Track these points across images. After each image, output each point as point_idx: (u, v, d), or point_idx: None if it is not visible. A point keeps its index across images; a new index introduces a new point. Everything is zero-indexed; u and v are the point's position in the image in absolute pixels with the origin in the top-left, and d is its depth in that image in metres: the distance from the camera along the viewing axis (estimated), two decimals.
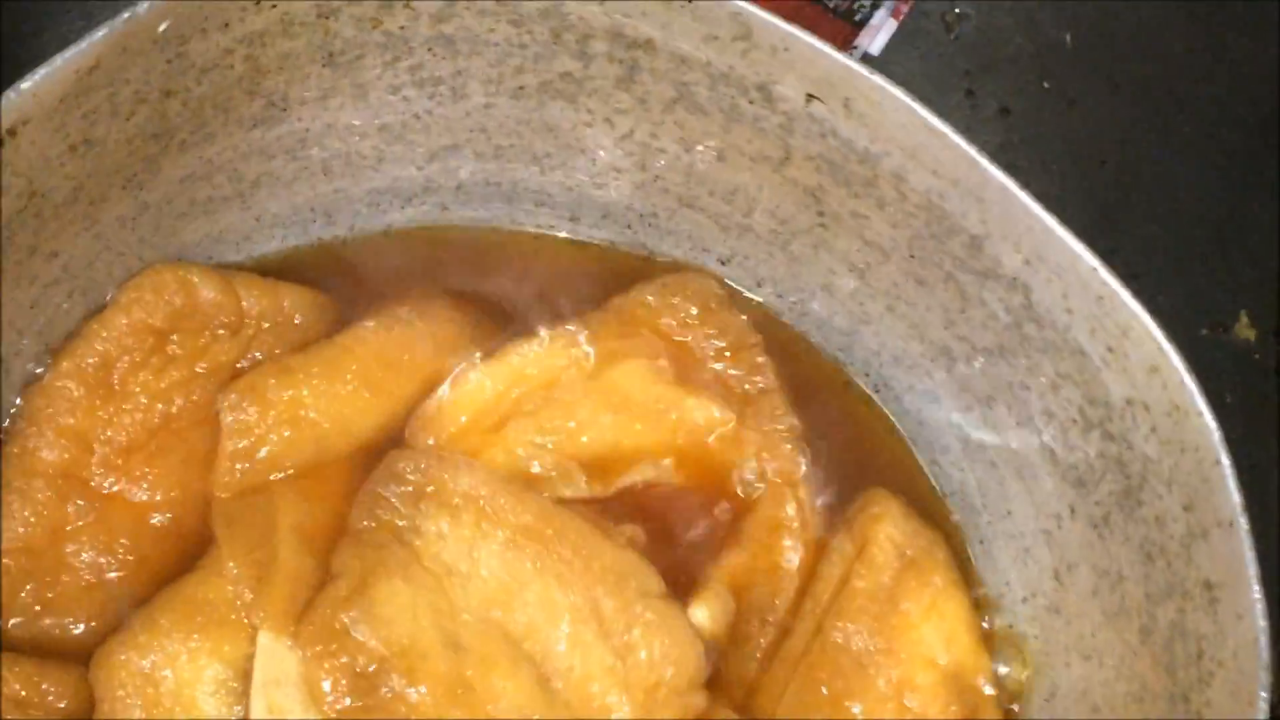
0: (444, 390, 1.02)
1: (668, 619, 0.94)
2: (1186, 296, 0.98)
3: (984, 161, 0.90)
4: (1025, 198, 0.90)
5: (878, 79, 0.91)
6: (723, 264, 1.10)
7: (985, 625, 1.03)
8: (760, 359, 1.06)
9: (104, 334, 0.98)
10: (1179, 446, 0.88)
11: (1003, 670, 1.01)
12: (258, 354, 1.02)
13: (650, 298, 1.06)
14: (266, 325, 1.02)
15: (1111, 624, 0.94)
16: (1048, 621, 0.99)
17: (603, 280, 1.10)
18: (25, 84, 0.84)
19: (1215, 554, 0.86)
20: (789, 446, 1.04)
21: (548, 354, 1.03)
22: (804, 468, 1.03)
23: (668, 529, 1.01)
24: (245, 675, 0.92)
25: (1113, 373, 0.90)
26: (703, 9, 0.93)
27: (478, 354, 1.04)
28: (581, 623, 0.94)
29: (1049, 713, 0.98)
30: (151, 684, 0.91)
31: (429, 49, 1.00)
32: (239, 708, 0.92)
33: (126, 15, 0.86)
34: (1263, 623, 0.82)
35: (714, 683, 0.96)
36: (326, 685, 0.90)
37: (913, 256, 0.99)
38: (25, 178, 0.88)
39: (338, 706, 0.90)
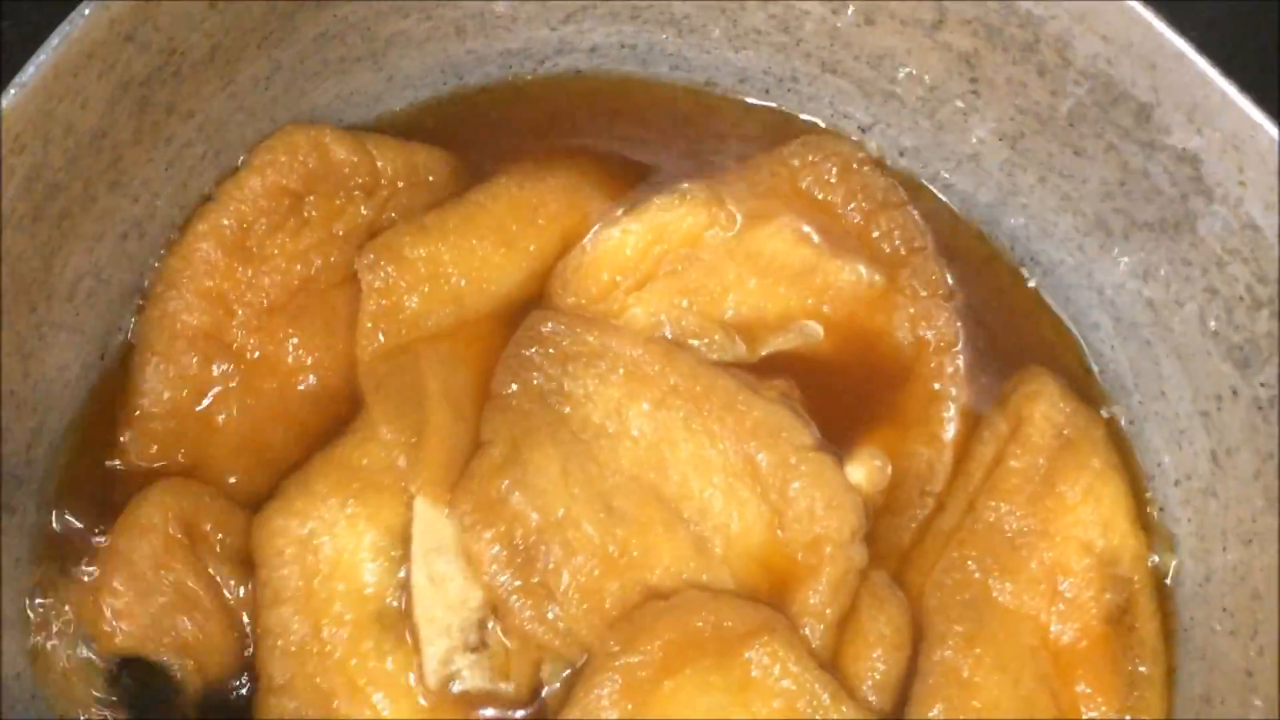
0: (586, 246, 1.00)
1: (824, 471, 0.93)
2: None
3: (1160, 26, 0.87)
4: (1203, 64, 0.86)
5: None
6: (864, 131, 1.07)
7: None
8: (909, 218, 1.03)
9: (239, 196, 0.96)
10: None
11: (1153, 559, 0.99)
12: (393, 214, 1.00)
13: (792, 158, 1.03)
14: (401, 185, 1.00)
15: (1275, 509, 0.91)
16: (1202, 505, 0.97)
17: (740, 141, 1.07)
18: None
19: None
20: (945, 312, 1.01)
21: (690, 211, 1.00)
22: (960, 335, 1.00)
23: (819, 395, 0.99)
24: (403, 541, 0.91)
25: None
26: None
27: (620, 209, 1.01)
28: (736, 478, 0.92)
29: (1203, 598, 0.96)
30: (310, 550, 0.90)
31: None
32: (401, 573, 0.91)
33: None
34: None
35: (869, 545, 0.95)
36: (486, 557, 0.90)
37: (1071, 126, 0.96)
38: (166, 34, 0.85)
39: (499, 578, 0.89)
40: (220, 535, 0.91)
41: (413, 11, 1.00)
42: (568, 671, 0.91)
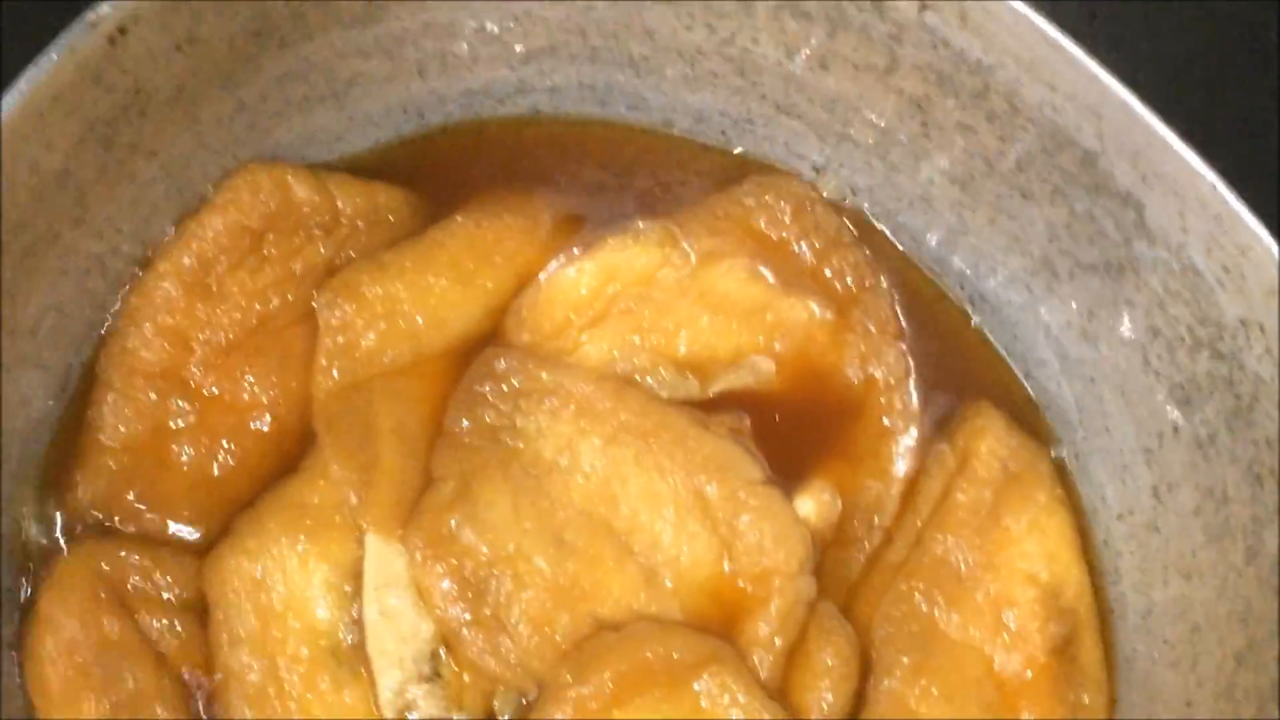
0: (540, 284, 1.01)
1: (773, 505, 0.95)
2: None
3: (1105, 76, 0.89)
4: (1146, 114, 0.89)
5: None
6: (817, 171, 1.09)
7: None
8: (860, 257, 1.05)
9: (200, 234, 0.97)
10: None
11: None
12: (352, 253, 1.01)
13: (746, 197, 1.05)
14: (360, 225, 1.02)
15: (1215, 544, 0.93)
16: (1145, 539, 0.99)
17: (695, 180, 1.09)
18: None
19: None
20: (895, 349, 1.03)
21: (644, 250, 1.02)
22: (910, 372, 1.02)
23: (771, 430, 1.00)
24: (355, 578, 0.93)
25: (1228, 293, 0.90)
26: None
27: (575, 248, 1.03)
28: (686, 512, 0.94)
29: (1145, 630, 0.98)
30: (263, 589, 0.91)
31: None
32: (354, 608, 0.92)
33: None
34: None
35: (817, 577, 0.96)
36: (437, 591, 0.91)
37: (1019, 170, 0.98)
38: (132, 75, 0.87)
39: (450, 612, 0.90)
40: (159, 587, 0.92)
41: (375, 52, 1.01)
42: (521, 702, 0.92)
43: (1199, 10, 1.36)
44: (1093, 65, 0.89)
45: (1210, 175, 0.87)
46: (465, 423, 0.96)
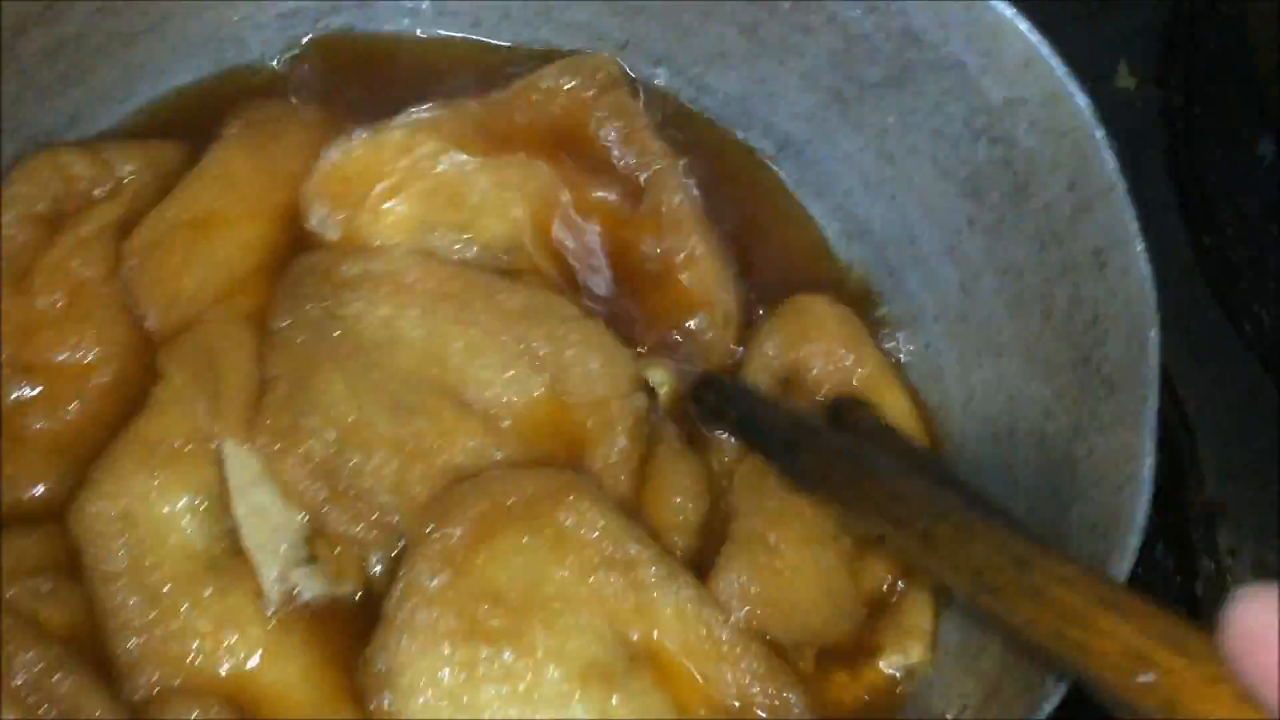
0: (326, 161, 1.05)
1: (593, 335, 1.00)
2: (1066, 48, 1.02)
3: None
4: None
5: None
6: (621, 49, 1.14)
7: (903, 353, 1.10)
8: (656, 136, 1.09)
9: None
10: (1057, 131, 0.93)
11: None
12: (141, 207, 1.05)
13: (545, 81, 1.09)
14: (145, 182, 1.06)
15: (1015, 316, 0.99)
16: (960, 331, 1.05)
17: (506, 79, 1.12)
18: None
19: (1100, 221, 0.91)
20: (699, 227, 1.07)
21: (428, 134, 1.05)
22: (710, 245, 1.07)
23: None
24: (213, 493, 0.96)
25: (990, 76, 0.96)
26: None
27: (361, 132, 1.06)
28: (513, 359, 0.99)
29: (968, 416, 1.03)
30: (128, 526, 0.94)
31: None
32: (222, 520, 0.96)
33: None
34: (1146, 270, 0.88)
35: None
36: (293, 478, 0.95)
37: (793, 7, 1.04)
38: None
39: (309, 494, 0.95)
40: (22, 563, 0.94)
41: None
42: (392, 554, 0.96)
43: None
44: None
45: None
46: (287, 320, 1.00)
